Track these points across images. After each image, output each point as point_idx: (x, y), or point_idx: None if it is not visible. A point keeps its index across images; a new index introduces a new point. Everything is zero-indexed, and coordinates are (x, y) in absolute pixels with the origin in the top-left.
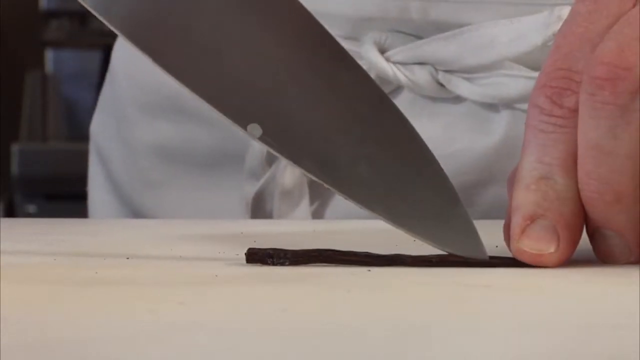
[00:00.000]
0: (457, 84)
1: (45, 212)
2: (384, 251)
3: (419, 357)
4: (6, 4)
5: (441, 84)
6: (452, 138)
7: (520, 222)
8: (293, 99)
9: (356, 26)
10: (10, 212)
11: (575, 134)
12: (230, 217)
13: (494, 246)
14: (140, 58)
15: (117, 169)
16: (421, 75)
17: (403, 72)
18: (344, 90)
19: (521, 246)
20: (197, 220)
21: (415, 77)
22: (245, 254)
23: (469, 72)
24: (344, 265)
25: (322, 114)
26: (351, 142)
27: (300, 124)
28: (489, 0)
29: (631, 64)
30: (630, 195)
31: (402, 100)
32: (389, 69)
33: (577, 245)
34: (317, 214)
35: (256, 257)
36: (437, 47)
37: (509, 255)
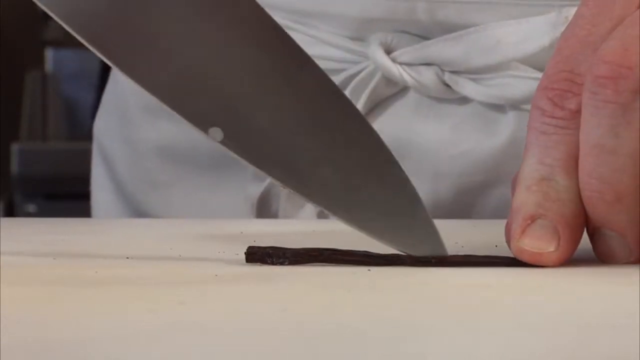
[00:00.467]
0: (463, 85)
1: (45, 212)
2: (384, 251)
3: (418, 357)
4: (6, 4)
5: (447, 85)
6: (459, 139)
7: (521, 222)
8: (254, 103)
9: (362, 27)
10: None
11: (577, 136)
12: (235, 218)
13: (493, 245)
14: None
15: (121, 169)
16: (427, 76)
17: (409, 73)
18: (306, 93)
19: (521, 245)
20: (196, 220)
21: (421, 78)
22: (245, 253)
23: (475, 73)
24: (344, 265)
25: (284, 117)
26: (313, 145)
27: (262, 127)
28: (496, 1)
29: (634, 63)
30: (631, 195)
31: (408, 101)
32: (395, 69)
33: (577, 245)
34: (323, 215)
35: (255, 256)
36: (444, 48)
37: (509, 255)
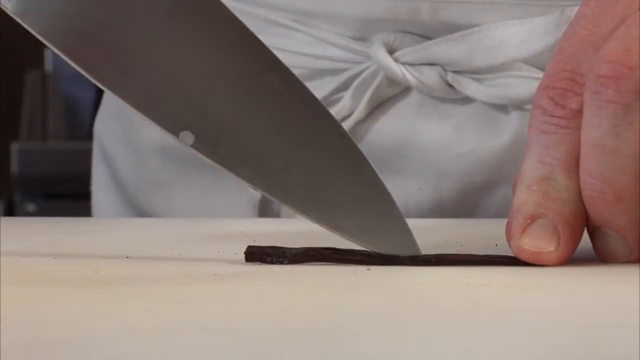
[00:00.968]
0: (466, 85)
1: (45, 211)
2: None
3: (418, 357)
4: None
5: (450, 85)
6: (462, 139)
7: (521, 221)
8: (225, 106)
9: (365, 27)
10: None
11: (578, 135)
12: (237, 218)
13: (494, 245)
14: None
15: (123, 169)
16: (430, 76)
17: (412, 73)
18: (275, 95)
19: (521, 244)
20: (196, 220)
21: (424, 78)
22: (244, 252)
23: (478, 73)
24: (344, 265)
25: (254, 120)
26: (283, 146)
27: (232, 130)
28: (499, 2)
29: (635, 63)
30: (632, 195)
31: (411, 101)
32: (398, 69)
33: (577, 245)
34: None
35: (255, 255)
36: (447, 48)
37: (510, 254)
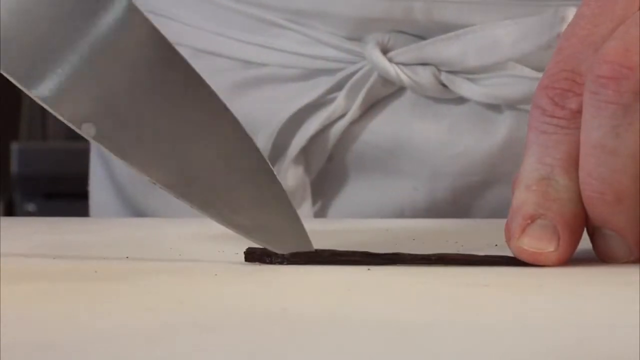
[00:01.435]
0: (460, 85)
1: (45, 211)
2: (384, 250)
3: (419, 357)
4: None
5: (444, 85)
6: (456, 139)
7: (521, 221)
8: (128, 100)
9: (359, 27)
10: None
11: (577, 136)
12: None
13: (493, 245)
14: None
15: (120, 170)
16: (424, 76)
17: (406, 73)
18: (177, 91)
19: (521, 245)
20: (196, 220)
21: (418, 78)
22: (244, 252)
23: (472, 72)
24: (344, 265)
25: (155, 114)
26: (184, 143)
27: (134, 124)
28: (493, 1)
29: (635, 63)
30: (631, 196)
31: (405, 101)
32: (392, 69)
33: (577, 245)
34: (320, 214)
35: (254, 255)
36: (441, 48)
37: (509, 254)
